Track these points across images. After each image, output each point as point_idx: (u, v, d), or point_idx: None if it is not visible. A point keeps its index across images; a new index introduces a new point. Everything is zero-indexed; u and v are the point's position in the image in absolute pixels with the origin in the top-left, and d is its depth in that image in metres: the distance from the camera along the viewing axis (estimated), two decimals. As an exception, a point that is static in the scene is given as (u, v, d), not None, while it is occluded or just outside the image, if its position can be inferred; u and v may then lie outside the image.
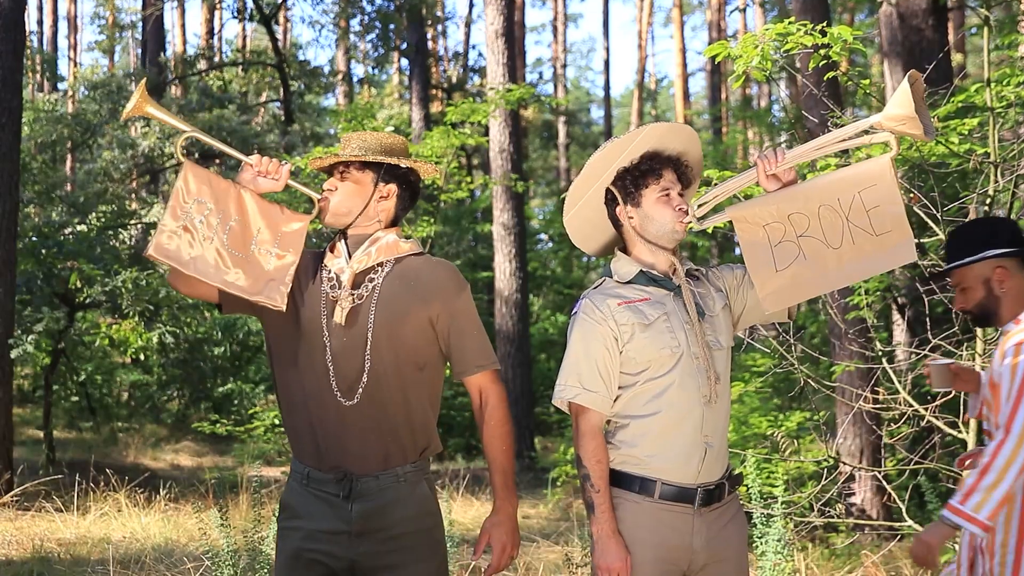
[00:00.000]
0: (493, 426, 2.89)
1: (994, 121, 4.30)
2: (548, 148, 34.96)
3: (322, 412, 2.77)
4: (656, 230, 2.89)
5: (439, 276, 2.88)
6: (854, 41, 4.34)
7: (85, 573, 6.22)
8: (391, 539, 2.77)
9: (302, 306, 2.83)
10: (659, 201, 2.89)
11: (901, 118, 2.62)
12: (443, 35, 31.16)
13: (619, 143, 2.92)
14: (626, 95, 43.51)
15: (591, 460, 2.81)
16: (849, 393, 6.47)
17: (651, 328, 2.81)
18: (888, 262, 2.80)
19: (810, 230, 2.79)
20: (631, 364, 2.82)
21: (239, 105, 18.51)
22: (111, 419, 15.57)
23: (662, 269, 2.91)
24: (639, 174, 2.90)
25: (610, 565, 2.76)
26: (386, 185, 2.91)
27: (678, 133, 2.96)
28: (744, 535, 2.95)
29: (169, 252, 2.75)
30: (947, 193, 5.54)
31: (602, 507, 2.79)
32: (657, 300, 2.86)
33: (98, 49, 31.00)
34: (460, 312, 2.87)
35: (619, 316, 2.83)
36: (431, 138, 10.30)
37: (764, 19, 26.35)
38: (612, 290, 2.90)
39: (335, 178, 2.90)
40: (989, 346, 4.29)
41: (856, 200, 2.74)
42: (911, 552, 3.10)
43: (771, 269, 2.84)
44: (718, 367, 2.85)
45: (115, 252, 13.07)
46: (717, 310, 2.93)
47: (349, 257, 2.86)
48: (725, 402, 2.87)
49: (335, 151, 2.98)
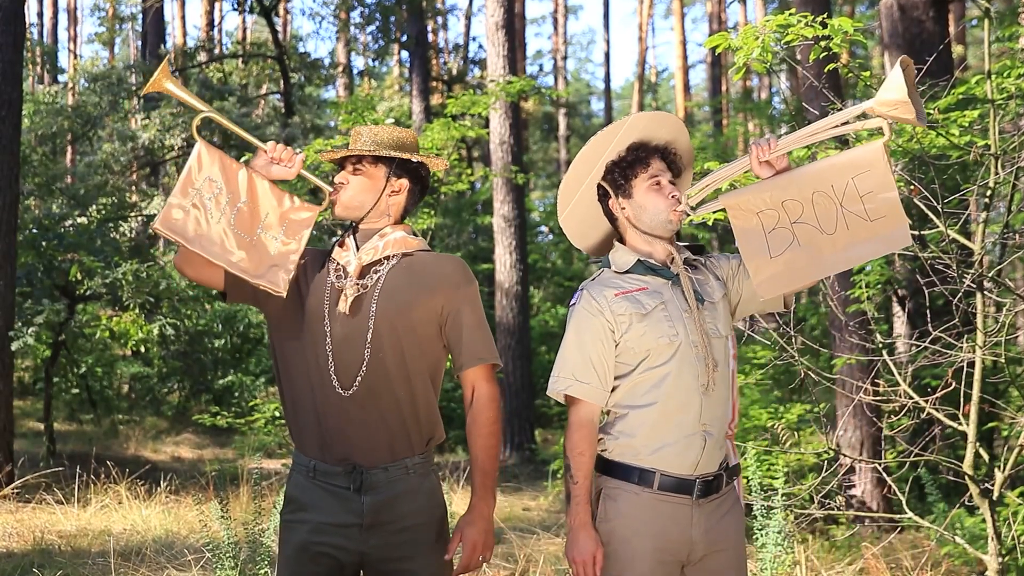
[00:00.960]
0: (480, 424, 2.86)
1: (995, 113, 4.29)
2: (548, 140, 34.96)
3: (324, 403, 2.76)
4: (650, 219, 2.88)
5: (447, 269, 2.87)
6: (855, 33, 4.33)
7: (86, 565, 6.23)
8: (402, 531, 2.77)
9: (306, 296, 2.82)
10: (650, 190, 2.88)
11: (893, 103, 2.61)
12: (443, 27, 31.12)
13: (603, 136, 2.92)
14: (626, 87, 43.50)
15: (574, 452, 2.81)
16: (849, 385, 6.48)
17: (648, 317, 2.80)
18: (883, 247, 2.79)
19: (804, 216, 2.78)
20: (629, 354, 2.81)
21: (239, 97, 18.49)
22: (112, 411, 15.58)
23: (659, 258, 2.90)
24: (626, 165, 2.90)
25: (578, 557, 2.77)
26: (398, 180, 2.91)
27: (662, 122, 2.94)
28: (741, 525, 2.95)
29: (175, 226, 2.73)
30: (947, 185, 5.53)
31: (578, 498, 2.80)
32: (655, 289, 2.85)
33: (98, 41, 30.97)
34: (466, 305, 2.86)
35: (616, 307, 2.82)
36: (431, 130, 10.27)
37: (765, 11, 26.31)
38: (610, 280, 2.89)
39: (347, 171, 2.89)
40: (989, 338, 4.29)
41: (850, 186, 2.73)
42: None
43: (766, 256, 2.83)
44: (717, 355, 2.84)
45: (115, 244, 13.06)
46: (717, 298, 2.92)
47: (358, 250, 2.86)
48: (723, 391, 2.86)
49: (335, 143, 2.98)
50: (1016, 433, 5.23)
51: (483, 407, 2.87)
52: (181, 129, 16.19)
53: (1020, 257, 4.65)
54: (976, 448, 4.34)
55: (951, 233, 4.30)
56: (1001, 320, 4.38)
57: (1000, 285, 4.67)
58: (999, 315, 4.54)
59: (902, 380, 4.55)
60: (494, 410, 2.88)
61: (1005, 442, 6.85)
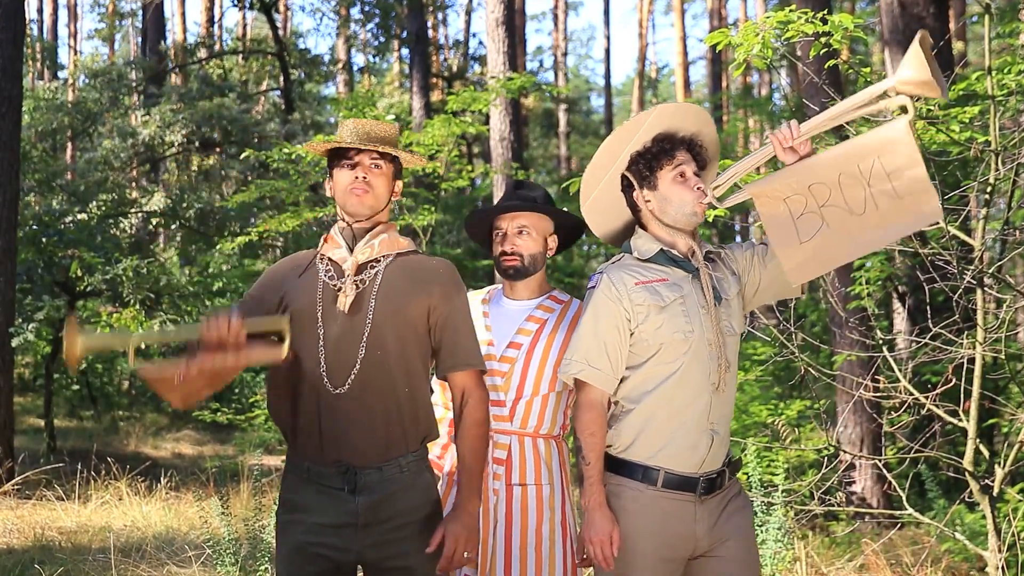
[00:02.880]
0: (468, 426, 2.86)
1: (995, 109, 4.28)
2: (549, 136, 34.92)
3: (318, 402, 2.76)
4: (675, 212, 2.87)
5: (440, 270, 2.88)
6: (855, 29, 4.32)
7: (86, 561, 6.23)
8: (397, 529, 2.77)
9: (295, 301, 2.80)
10: (675, 182, 2.86)
11: (918, 82, 2.59)
12: (443, 23, 31.11)
13: (629, 127, 2.90)
14: (627, 83, 43.42)
15: (584, 432, 2.81)
16: (850, 381, 6.47)
17: (666, 311, 2.79)
18: (915, 223, 2.75)
19: (832, 199, 2.75)
20: (643, 346, 2.81)
21: (239, 94, 18.48)
22: (112, 408, 15.59)
23: (681, 251, 2.89)
24: (651, 156, 2.88)
25: (595, 537, 2.76)
26: (397, 180, 2.94)
27: (686, 113, 2.93)
28: (748, 514, 2.93)
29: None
30: (948, 181, 5.53)
31: (591, 479, 2.79)
32: (675, 282, 2.84)
33: (98, 37, 30.90)
34: (456, 309, 2.86)
35: (635, 296, 2.81)
36: (432, 126, 10.26)
37: (765, 7, 26.29)
38: (631, 267, 2.87)
39: (364, 168, 2.85)
40: (990, 334, 4.28)
41: (876, 165, 2.69)
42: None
43: (795, 242, 2.79)
44: (729, 354, 2.84)
45: (115, 240, 13.08)
46: (732, 294, 2.91)
47: (350, 248, 2.85)
48: (731, 389, 2.86)
49: (332, 139, 2.95)
50: (1016, 429, 5.23)
51: (474, 409, 2.87)
52: (181, 125, 16.18)
53: (1020, 253, 4.65)
54: (976, 444, 4.33)
55: (951, 229, 4.29)
56: (1001, 316, 4.37)
57: (1000, 281, 4.67)
58: (999, 311, 4.53)
59: (902, 376, 4.55)
60: (483, 412, 2.89)
61: (1005, 438, 6.85)
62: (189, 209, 15.05)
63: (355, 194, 2.83)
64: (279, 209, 13.22)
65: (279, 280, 2.88)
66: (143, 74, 18.94)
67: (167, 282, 11.52)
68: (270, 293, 2.86)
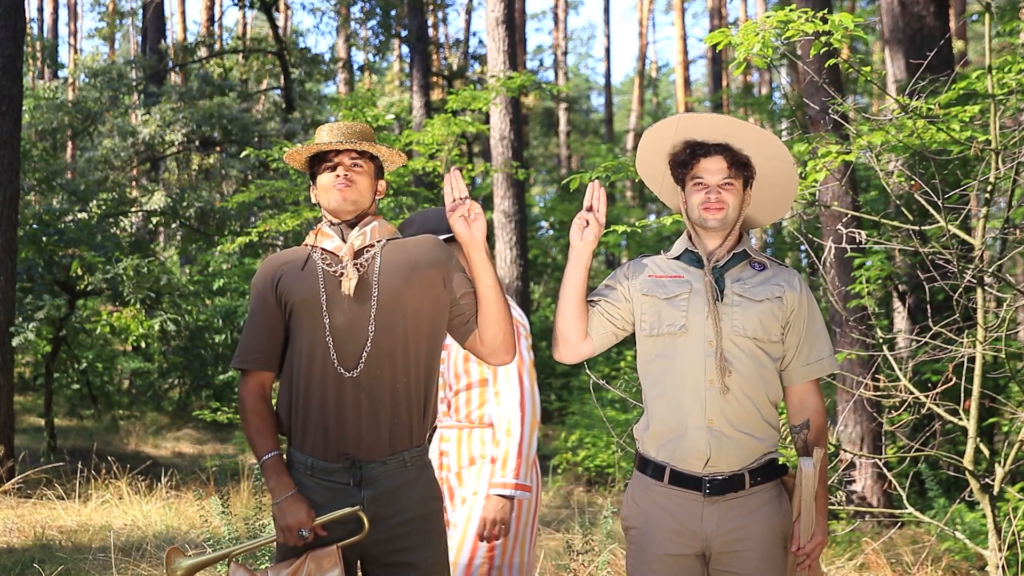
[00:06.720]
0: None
1: (995, 108, 4.28)
2: (549, 135, 34.95)
3: (326, 393, 2.77)
4: (694, 216, 2.93)
5: (431, 244, 2.94)
6: (855, 28, 4.32)
7: (86, 560, 6.23)
8: (401, 524, 2.79)
9: (295, 294, 2.81)
10: (694, 188, 2.93)
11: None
12: (444, 22, 31.13)
13: (656, 130, 2.98)
14: (627, 82, 43.41)
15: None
16: (850, 381, 6.47)
17: (667, 302, 2.88)
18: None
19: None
20: (642, 323, 2.93)
21: (240, 93, 18.50)
22: (112, 407, 15.58)
23: (706, 250, 2.93)
24: (679, 163, 2.97)
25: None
26: (382, 180, 3.01)
27: (710, 124, 2.89)
28: (775, 527, 2.86)
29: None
30: (948, 180, 5.53)
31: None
32: (688, 279, 2.91)
33: (98, 36, 30.93)
34: (457, 271, 2.93)
35: (643, 285, 2.93)
36: (432, 125, 10.27)
37: (765, 6, 26.31)
38: (656, 261, 3.01)
39: (345, 167, 2.88)
40: (990, 333, 4.28)
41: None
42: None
43: None
44: (731, 355, 2.81)
45: (116, 240, 13.08)
46: (761, 297, 2.86)
47: (343, 238, 2.88)
48: (740, 391, 2.81)
49: (310, 143, 2.96)
50: (1016, 428, 5.23)
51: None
52: (181, 124, 16.19)
53: (1021, 252, 4.65)
54: (976, 443, 4.33)
55: (952, 228, 4.29)
56: (1001, 315, 4.37)
57: (1000, 280, 4.67)
58: (999, 310, 4.54)
59: (902, 375, 4.54)
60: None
61: (1005, 437, 6.86)
62: (189, 208, 15.04)
63: (337, 189, 2.86)
64: (279, 208, 13.21)
65: (270, 281, 2.88)
66: (143, 73, 18.95)
67: (167, 281, 11.52)
68: (270, 296, 2.87)
